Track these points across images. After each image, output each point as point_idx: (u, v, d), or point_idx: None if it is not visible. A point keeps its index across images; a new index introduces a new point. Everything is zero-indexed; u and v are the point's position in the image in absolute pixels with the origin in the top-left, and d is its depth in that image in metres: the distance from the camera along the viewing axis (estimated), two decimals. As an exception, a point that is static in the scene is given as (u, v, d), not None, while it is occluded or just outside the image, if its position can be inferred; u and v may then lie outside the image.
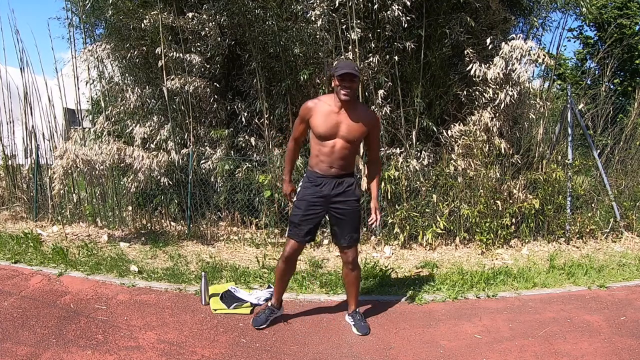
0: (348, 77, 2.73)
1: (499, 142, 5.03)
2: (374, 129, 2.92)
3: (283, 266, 3.00)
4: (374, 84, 5.17)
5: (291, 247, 2.94)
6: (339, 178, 2.91)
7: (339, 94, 2.77)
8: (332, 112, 2.82)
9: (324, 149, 2.86)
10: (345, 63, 2.88)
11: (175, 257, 4.45)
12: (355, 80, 2.77)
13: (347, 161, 2.90)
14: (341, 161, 2.87)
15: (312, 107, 2.86)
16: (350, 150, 2.88)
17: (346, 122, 2.82)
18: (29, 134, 6.14)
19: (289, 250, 2.94)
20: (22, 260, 4.25)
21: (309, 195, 2.92)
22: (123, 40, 5.74)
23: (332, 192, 2.89)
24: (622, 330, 3.02)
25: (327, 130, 2.81)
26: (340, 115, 2.82)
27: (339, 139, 2.83)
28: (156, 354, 2.66)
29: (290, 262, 3.00)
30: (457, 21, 5.27)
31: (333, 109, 2.82)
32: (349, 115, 2.82)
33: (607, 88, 6.71)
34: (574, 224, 5.18)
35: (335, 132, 2.82)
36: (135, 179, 5.11)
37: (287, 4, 5.33)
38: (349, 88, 2.74)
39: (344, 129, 2.82)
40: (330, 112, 2.82)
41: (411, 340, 2.90)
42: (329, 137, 2.83)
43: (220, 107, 5.73)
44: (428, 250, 4.86)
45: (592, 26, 13.90)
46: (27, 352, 2.60)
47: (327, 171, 2.89)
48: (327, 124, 2.81)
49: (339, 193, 2.90)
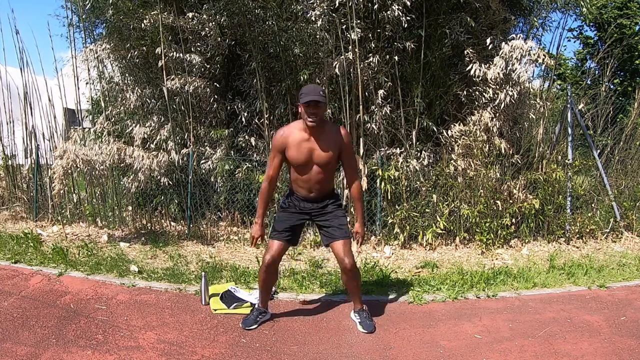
0: (313, 104, 2.76)
1: (499, 142, 5.03)
2: (345, 148, 2.96)
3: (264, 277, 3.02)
4: (374, 84, 5.17)
5: (269, 254, 2.96)
6: (320, 199, 3.01)
7: (305, 120, 2.81)
8: (304, 139, 2.87)
9: (301, 177, 2.95)
10: (310, 89, 2.86)
11: (175, 257, 4.44)
12: (321, 106, 2.79)
13: (324, 184, 2.99)
14: (318, 185, 2.96)
15: (286, 137, 2.90)
16: (326, 173, 2.96)
17: (317, 148, 2.88)
18: (29, 134, 6.14)
19: (267, 260, 2.96)
20: (22, 260, 4.25)
21: (291, 209, 3.04)
22: (123, 40, 5.74)
23: (313, 209, 3.02)
24: (622, 330, 3.02)
25: (301, 159, 2.89)
26: (312, 142, 2.87)
27: (314, 165, 2.91)
28: (156, 354, 2.66)
29: (270, 272, 3.02)
30: (457, 21, 5.27)
31: (304, 136, 2.87)
32: (320, 140, 2.87)
33: (607, 88, 6.72)
34: (574, 224, 5.18)
35: (310, 159, 2.90)
36: (135, 179, 5.12)
37: (287, 4, 5.33)
38: (315, 114, 2.77)
39: (316, 155, 2.89)
40: (302, 140, 2.87)
41: (411, 340, 2.90)
42: (304, 165, 2.91)
43: (220, 107, 5.73)
44: (428, 250, 4.86)
45: (592, 26, 13.90)
46: (27, 352, 2.60)
47: (306, 196, 3.00)
48: (301, 153, 2.87)
49: (321, 208, 3.02)
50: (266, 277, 3.03)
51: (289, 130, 2.92)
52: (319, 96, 2.77)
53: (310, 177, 2.93)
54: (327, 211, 3.02)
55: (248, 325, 3.01)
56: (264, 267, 2.97)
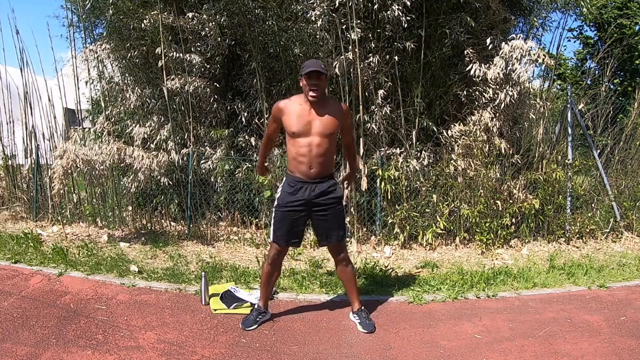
0: (315, 74, 2.77)
1: (499, 142, 5.03)
2: (346, 120, 3.01)
3: (269, 270, 3.04)
4: (374, 84, 5.17)
5: (276, 251, 2.98)
6: (320, 180, 2.92)
7: (307, 94, 2.82)
8: (304, 110, 2.87)
9: (302, 149, 2.87)
10: (312, 62, 2.90)
11: (175, 257, 4.44)
12: (322, 77, 2.81)
13: (325, 158, 2.91)
14: (320, 158, 2.88)
15: (283, 108, 2.91)
16: (327, 146, 2.89)
17: (319, 118, 2.86)
18: (29, 134, 6.14)
19: (273, 255, 2.98)
20: (22, 260, 4.25)
21: (290, 201, 2.93)
22: (123, 40, 5.74)
23: (313, 194, 2.91)
24: (622, 330, 3.02)
25: (300, 128, 2.85)
26: (312, 113, 2.86)
27: (315, 136, 2.86)
28: (156, 354, 2.66)
29: (275, 266, 3.04)
30: (457, 21, 5.27)
31: (304, 107, 2.87)
32: (320, 111, 2.86)
33: (607, 88, 6.72)
34: (574, 224, 5.18)
35: (309, 130, 2.86)
36: (135, 179, 5.12)
37: (287, 4, 5.33)
38: (317, 86, 2.78)
39: (317, 125, 2.86)
40: (302, 110, 2.87)
41: (411, 340, 2.90)
42: (304, 135, 2.86)
43: (220, 107, 5.73)
44: (428, 250, 4.86)
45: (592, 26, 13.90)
46: (27, 352, 2.60)
47: (307, 173, 2.89)
48: (300, 122, 2.85)
49: (320, 193, 2.91)
50: (271, 270, 3.03)
51: (288, 101, 2.94)
52: (320, 68, 2.79)
53: (311, 149, 2.86)
54: (327, 203, 2.92)
55: (248, 326, 3.01)
56: (270, 260, 3.01)
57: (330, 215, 2.96)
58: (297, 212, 2.94)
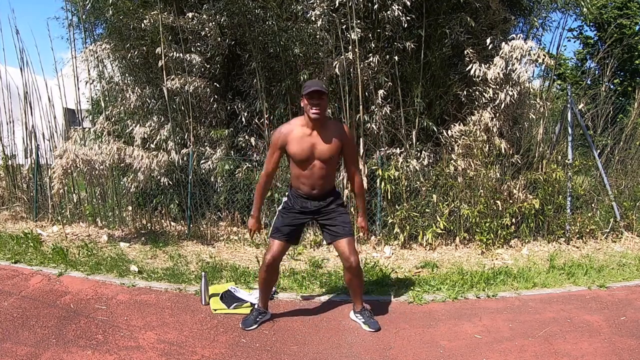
0: (316, 94, 2.79)
1: (499, 142, 5.03)
2: (347, 143, 3.00)
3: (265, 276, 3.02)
4: (374, 84, 5.17)
5: (276, 247, 2.98)
6: (323, 197, 3.00)
7: (308, 112, 2.83)
8: (305, 135, 2.89)
9: (304, 172, 2.94)
10: (313, 82, 2.98)
11: (175, 257, 4.45)
12: (324, 97, 2.83)
13: (327, 180, 2.99)
14: (321, 180, 2.96)
15: (286, 134, 2.92)
16: (328, 169, 2.96)
17: (320, 142, 2.89)
18: (29, 134, 6.15)
19: (274, 250, 2.97)
20: (22, 260, 4.25)
21: (294, 209, 3.02)
22: (123, 40, 5.75)
23: (316, 208, 3.01)
24: (622, 330, 3.02)
25: (303, 154, 2.88)
26: (314, 137, 2.89)
27: (316, 160, 2.91)
28: (156, 354, 2.66)
29: (274, 263, 3.02)
30: (457, 21, 5.27)
31: (306, 131, 2.89)
32: (322, 135, 2.89)
33: (607, 88, 6.72)
34: (574, 224, 5.18)
35: (312, 155, 2.89)
36: (135, 179, 5.12)
37: (287, 4, 5.33)
38: (318, 106, 2.80)
39: (319, 150, 2.89)
40: (304, 135, 2.89)
41: (411, 340, 2.90)
42: (306, 161, 2.90)
43: (220, 107, 5.73)
44: (428, 250, 4.86)
45: (592, 26, 13.90)
46: (27, 352, 2.60)
47: (309, 193, 2.98)
48: (303, 148, 2.87)
49: (323, 207, 3.01)
50: (267, 276, 3.03)
51: (290, 127, 2.94)
52: (322, 87, 2.82)
53: (312, 173, 2.92)
54: (330, 210, 3.02)
55: (248, 326, 3.01)
56: (265, 267, 2.98)
57: (335, 216, 3.02)
58: (300, 215, 3.03)
